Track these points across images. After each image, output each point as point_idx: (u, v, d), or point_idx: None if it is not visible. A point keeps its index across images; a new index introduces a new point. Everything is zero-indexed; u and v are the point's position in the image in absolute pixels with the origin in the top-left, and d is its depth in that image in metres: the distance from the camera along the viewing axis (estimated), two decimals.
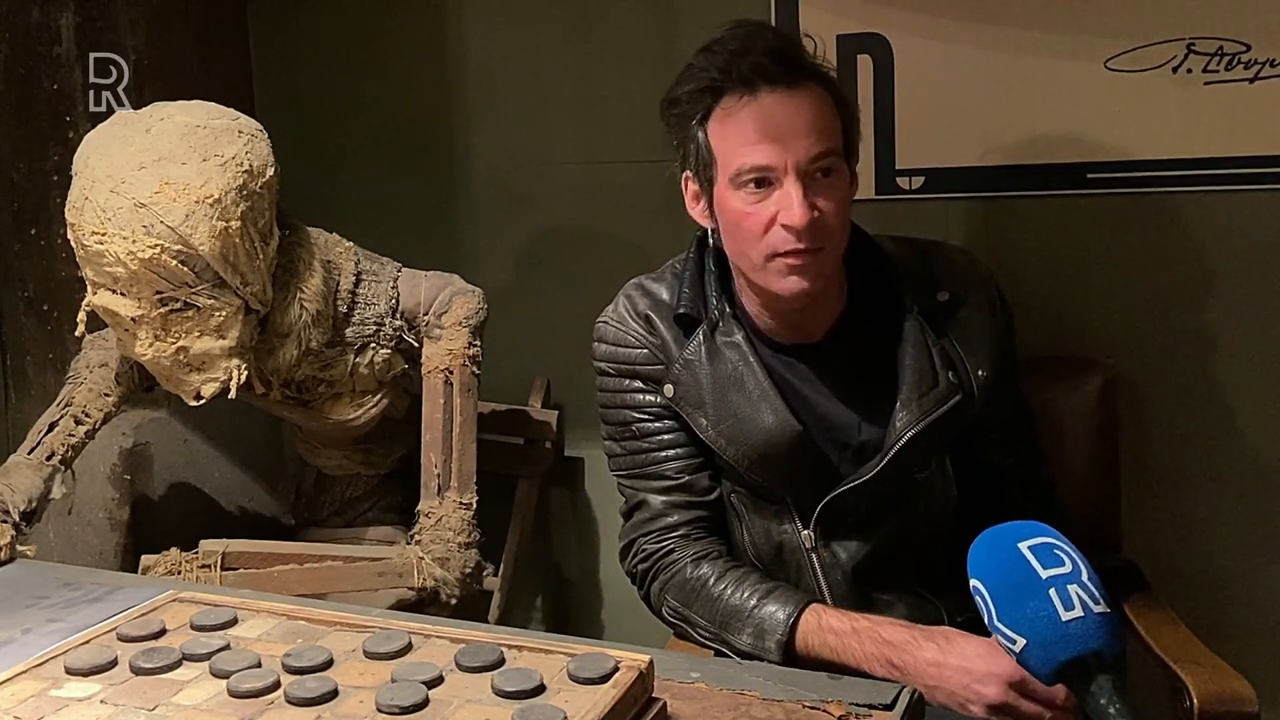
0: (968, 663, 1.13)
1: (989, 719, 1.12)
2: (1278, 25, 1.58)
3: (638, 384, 1.40)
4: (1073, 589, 0.93)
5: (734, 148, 1.25)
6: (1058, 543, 0.98)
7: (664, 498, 1.40)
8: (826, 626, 1.23)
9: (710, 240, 1.38)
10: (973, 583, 1.00)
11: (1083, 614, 0.92)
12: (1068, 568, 0.95)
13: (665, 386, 1.37)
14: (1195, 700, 1.27)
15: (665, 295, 1.41)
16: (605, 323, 1.43)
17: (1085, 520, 1.49)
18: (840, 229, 1.28)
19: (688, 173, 1.34)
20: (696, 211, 1.35)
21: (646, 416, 1.40)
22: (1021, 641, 0.94)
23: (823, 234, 1.24)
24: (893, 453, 1.30)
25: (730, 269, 1.36)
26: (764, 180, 1.24)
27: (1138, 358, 1.71)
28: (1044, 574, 0.95)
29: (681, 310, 1.37)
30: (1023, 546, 0.97)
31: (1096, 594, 0.94)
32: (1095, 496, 1.60)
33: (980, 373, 1.33)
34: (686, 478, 1.39)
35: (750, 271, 1.30)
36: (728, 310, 1.37)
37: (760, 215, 1.25)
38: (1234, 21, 1.60)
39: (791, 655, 1.24)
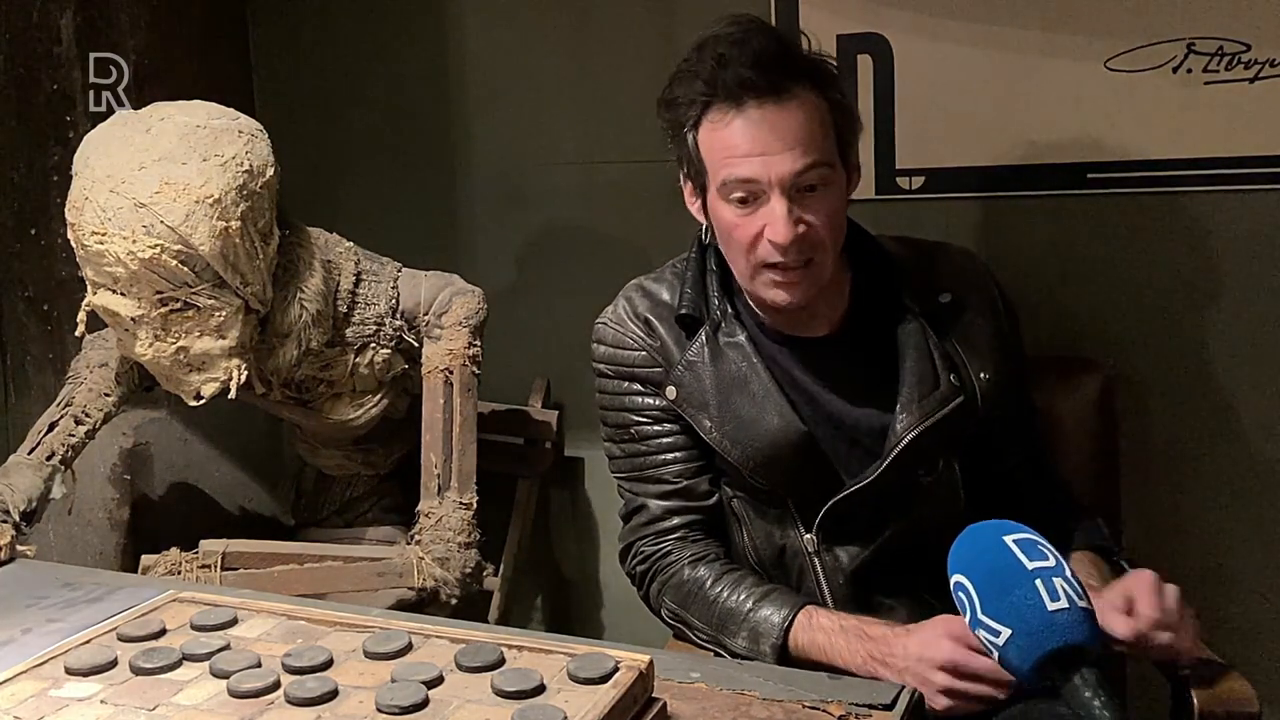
0: (915, 651, 1.13)
1: (951, 704, 1.10)
2: (1278, 25, 1.58)
3: (636, 386, 1.40)
4: (1058, 581, 0.93)
5: (720, 160, 1.25)
6: (1039, 540, 0.97)
7: (663, 502, 1.40)
8: (817, 625, 1.24)
9: (705, 238, 1.39)
10: (954, 579, 0.99)
11: (1068, 606, 0.92)
12: (1051, 562, 0.95)
13: (667, 389, 1.37)
14: (1195, 700, 1.27)
15: (666, 296, 1.41)
16: (604, 324, 1.43)
17: None
18: (832, 238, 1.27)
19: (683, 171, 1.34)
20: (694, 208, 1.36)
21: (645, 419, 1.40)
22: (1006, 632, 0.93)
23: (811, 246, 1.25)
24: (893, 456, 1.29)
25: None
26: (751, 194, 1.24)
27: (1138, 358, 1.71)
28: (1029, 565, 0.94)
29: (684, 311, 1.37)
30: (1007, 539, 0.97)
31: (1080, 590, 0.94)
32: (1095, 496, 1.59)
33: (983, 375, 1.33)
34: (685, 482, 1.39)
35: (740, 278, 1.32)
36: (729, 310, 1.37)
37: (748, 228, 1.25)
38: (1234, 21, 1.60)
39: (786, 658, 1.24)
